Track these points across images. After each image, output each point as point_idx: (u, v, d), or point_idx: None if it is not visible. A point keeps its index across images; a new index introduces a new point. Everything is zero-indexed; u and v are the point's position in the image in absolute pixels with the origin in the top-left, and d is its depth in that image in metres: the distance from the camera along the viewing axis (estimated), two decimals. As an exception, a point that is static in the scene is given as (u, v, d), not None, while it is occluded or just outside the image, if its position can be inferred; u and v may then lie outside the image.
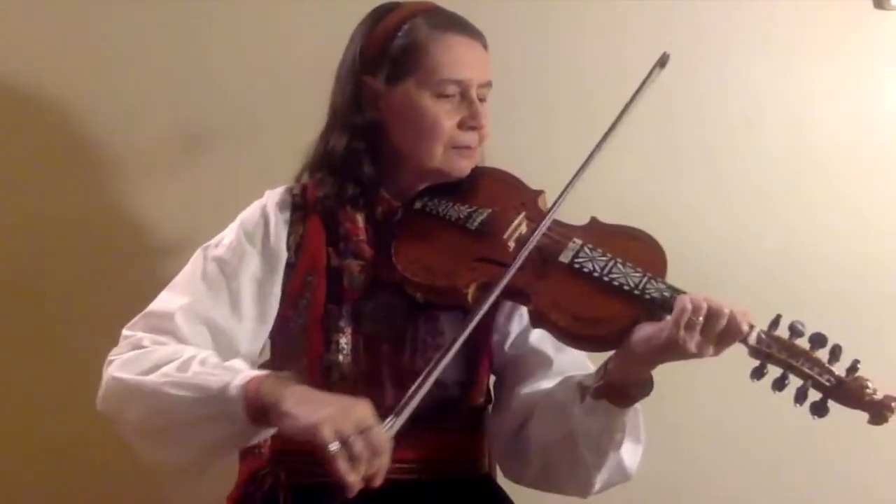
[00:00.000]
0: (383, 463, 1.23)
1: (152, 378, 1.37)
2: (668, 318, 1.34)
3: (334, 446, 1.20)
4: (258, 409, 1.30)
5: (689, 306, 1.30)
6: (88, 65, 2.02)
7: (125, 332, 1.50)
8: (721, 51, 2.16)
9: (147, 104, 2.04)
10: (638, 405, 1.44)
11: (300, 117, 1.61)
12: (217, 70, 2.05)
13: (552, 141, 2.07)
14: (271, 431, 1.37)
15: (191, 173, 2.05)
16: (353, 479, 1.21)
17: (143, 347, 1.44)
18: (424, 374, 1.30)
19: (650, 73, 1.53)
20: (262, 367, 1.57)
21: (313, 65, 1.66)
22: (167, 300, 1.51)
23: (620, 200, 2.05)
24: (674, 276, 1.46)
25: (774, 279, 2.15)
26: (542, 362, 1.55)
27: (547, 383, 1.53)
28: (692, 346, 1.30)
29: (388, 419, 1.26)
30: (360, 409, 1.25)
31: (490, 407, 1.62)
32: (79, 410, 1.94)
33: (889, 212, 2.19)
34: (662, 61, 1.54)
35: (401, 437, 1.28)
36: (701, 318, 1.30)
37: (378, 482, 1.23)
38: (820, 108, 2.18)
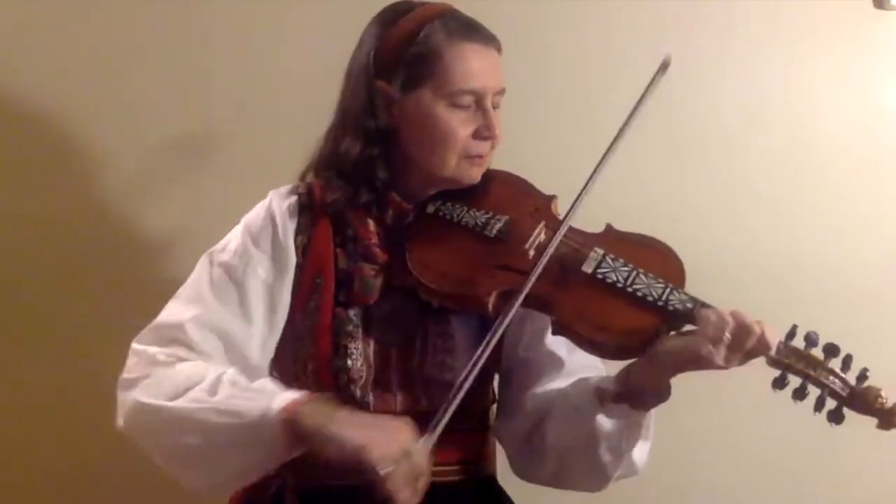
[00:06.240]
0: (425, 480, 1.31)
1: (182, 404, 1.36)
2: (690, 327, 1.37)
3: (384, 469, 1.26)
4: (298, 435, 1.32)
5: (721, 326, 1.33)
6: (87, 66, 2.02)
7: (134, 345, 1.48)
8: (721, 51, 2.16)
9: (146, 105, 2.04)
10: None
11: (300, 117, 1.61)
12: (217, 70, 2.05)
13: (557, 143, 2.07)
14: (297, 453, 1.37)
15: (190, 173, 2.05)
16: (404, 498, 1.28)
17: (158, 363, 1.43)
18: (455, 390, 1.34)
19: (653, 79, 1.53)
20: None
21: (312, 65, 1.66)
22: (176, 310, 1.49)
23: (622, 203, 2.04)
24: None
25: (775, 280, 2.16)
26: (555, 364, 1.55)
27: (559, 384, 1.54)
28: (720, 360, 1.34)
29: (424, 437, 1.32)
30: (404, 432, 1.32)
31: (494, 407, 1.62)
32: (65, 409, 1.98)
33: (889, 212, 2.20)
34: (665, 66, 1.53)
35: None
36: (728, 335, 1.32)
37: (419, 498, 1.30)
38: (820, 108, 2.18)
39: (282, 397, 1.35)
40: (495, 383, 1.62)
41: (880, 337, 2.16)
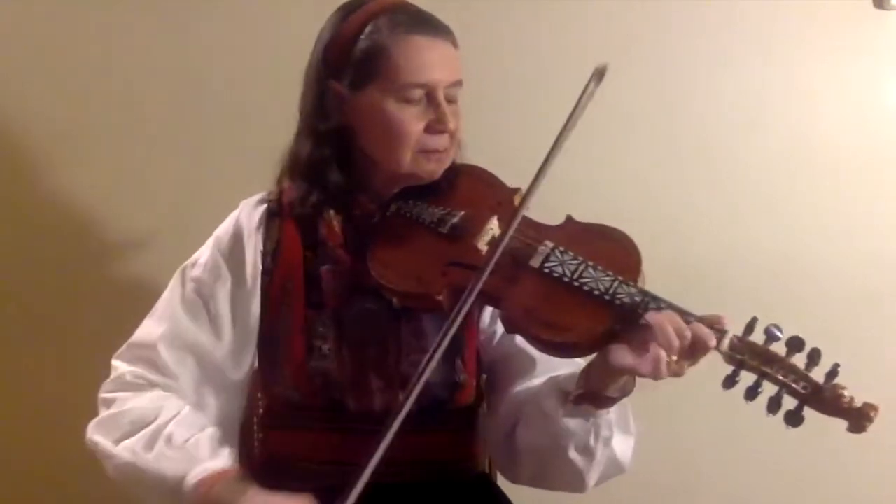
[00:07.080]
0: None
1: (119, 451, 1.43)
2: (643, 321, 1.30)
3: None
4: None
5: (662, 353, 1.26)
6: (77, 64, 2.03)
7: (113, 361, 1.52)
8: (721, 51, 2.15)
9: (140, 103, 2.05)
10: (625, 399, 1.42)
11: (289, 115, 1.60)
12: (210, 69, 2.06)
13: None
14: None
15: (177, 170, 2.07)
16: None
17: (127, 384, 1.48)
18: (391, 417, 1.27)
19: (585, 88, 1.40)
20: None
21: (302, 63, 1.65)
22: (149, 328, 1.51)
23: (620, 202, 2.06)
24: (673, 278, 1.45)
25: (775, 280, 2.16)
26: (528, 362, 1.52)
27: (535, 382, 1.51)
28: (670, 373, 1.29)
29: None
30: None
31: (483, 406, 1.61)
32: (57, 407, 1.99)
33: (889, 212, 2.19)
34: (599, 74, 1.40)
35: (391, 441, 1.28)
36: (674, 356, 1.27)
37: None
38: (820, 108, 2.17)
39: (200, 469, 1.38)
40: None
41: (880, 337, 2.16)
